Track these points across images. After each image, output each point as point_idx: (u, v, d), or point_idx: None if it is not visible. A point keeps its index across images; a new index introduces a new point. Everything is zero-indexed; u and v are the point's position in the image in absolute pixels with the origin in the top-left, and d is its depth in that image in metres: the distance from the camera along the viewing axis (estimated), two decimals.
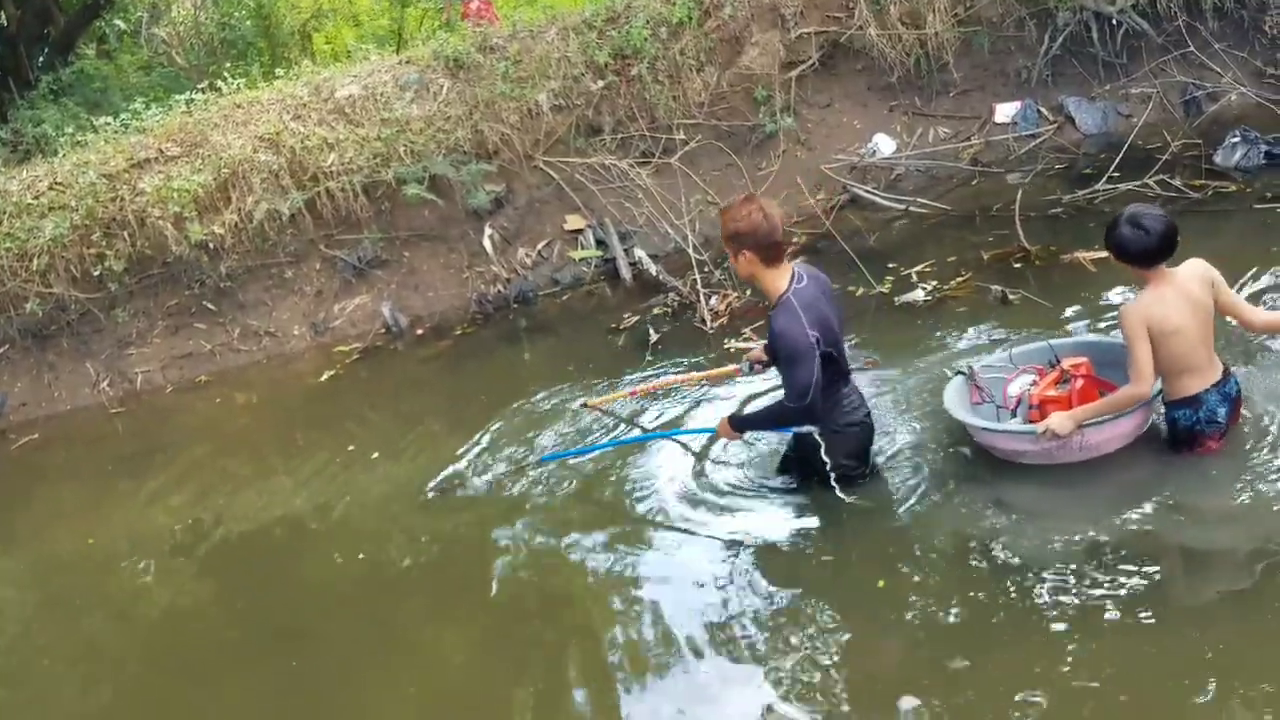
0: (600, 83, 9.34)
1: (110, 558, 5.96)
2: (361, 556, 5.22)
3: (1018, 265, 6.82)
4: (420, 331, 8.59)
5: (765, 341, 4.45)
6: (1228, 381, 4.13)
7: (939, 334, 6.11)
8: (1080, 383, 4.25)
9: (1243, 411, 4.29)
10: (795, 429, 4.40)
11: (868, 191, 8.80)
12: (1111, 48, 9.38)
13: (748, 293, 7.44)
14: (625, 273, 8.53)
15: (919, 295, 6.74)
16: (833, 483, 4.37)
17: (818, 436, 4.35)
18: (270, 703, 4.44)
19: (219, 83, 9.79)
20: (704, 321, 7.17)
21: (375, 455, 6.35)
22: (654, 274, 8.22)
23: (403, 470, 6.05)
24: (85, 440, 8.02)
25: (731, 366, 5.43)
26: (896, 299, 6.76)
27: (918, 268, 7.13)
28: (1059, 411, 4.12)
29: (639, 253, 8.57)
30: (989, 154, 9.12)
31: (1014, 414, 4.40)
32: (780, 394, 4.30)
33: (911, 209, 8.40)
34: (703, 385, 5.85)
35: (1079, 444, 4.14)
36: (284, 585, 5.30)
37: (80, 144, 9.28)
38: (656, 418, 5.81)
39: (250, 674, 4.65)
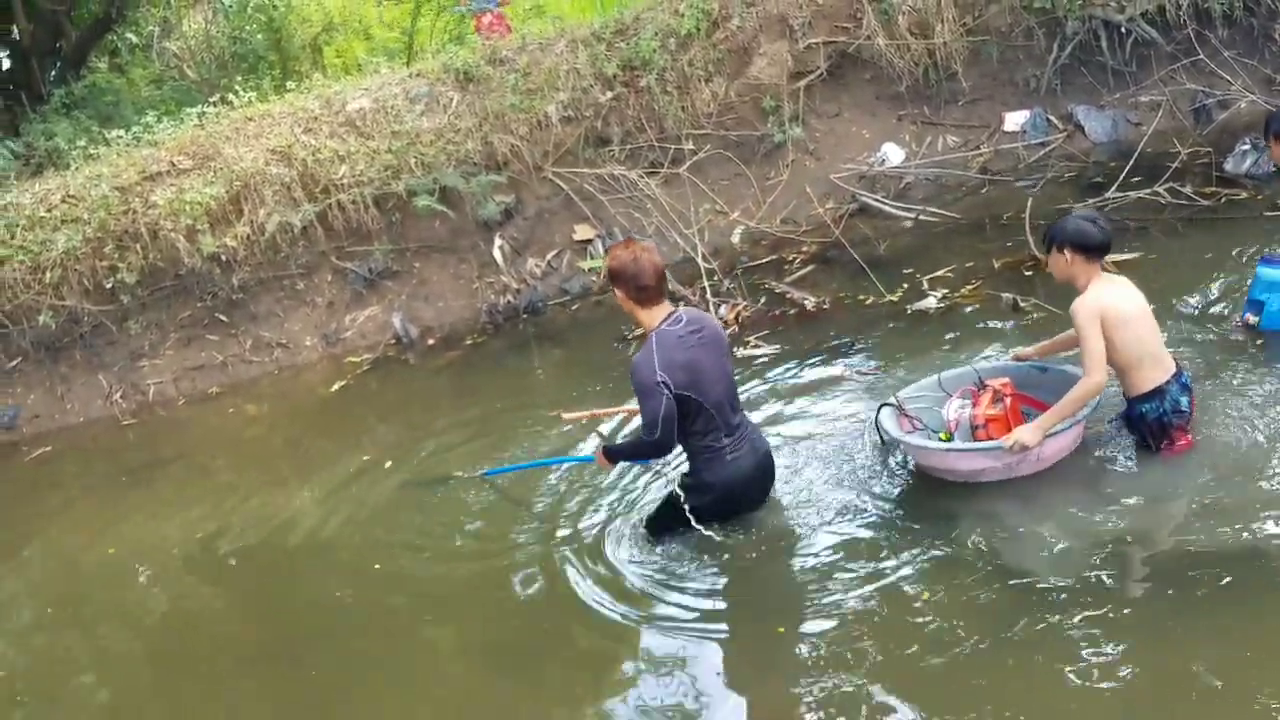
0: (609, 94, 9.37)
1: (124, 567, 5.98)
2: (378, 567, 5.22)
3: (1028, 273, 6.82)
4: (431, 342, 8.61)
5: None
6: (1183, 374, 4.34)
7: (950, 342, 6.10)
8: (1010, 400, 4.43)
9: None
10: (650, 460, 4.61)
11: (877, 200, 8.80)
12: (1121, 56, 9.38)
13: (762, 301, 7.45)
14: None
15: (930, 303, 6.73)
16: (688, 515, 4.52)
17: (677, 488, 4.58)
18: (281, 711, 4.45)
19: (230, 96, 9.85)
20: None
21: (388, 465, 6.36)
22: None
23: (415, 480, 6.06)
24: (98, 451, 8.05)
25: None
26: (908, 307, 6.76)
27: (937, 274, 7.11)
28: (1021, 426, 4.26)
29: None
30: (998, 162, 9.12)
31: (953, 436, 4.49)
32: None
33: (921, 217, 8.40)
34: None
35: (1036, 455, 4.26)
36: (296, 595, 5.32)
37: (92, 157, 9.34)
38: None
39: (262, 682, 4.67)
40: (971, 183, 8.92)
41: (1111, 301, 4.14)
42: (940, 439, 4.49)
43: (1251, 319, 5.01)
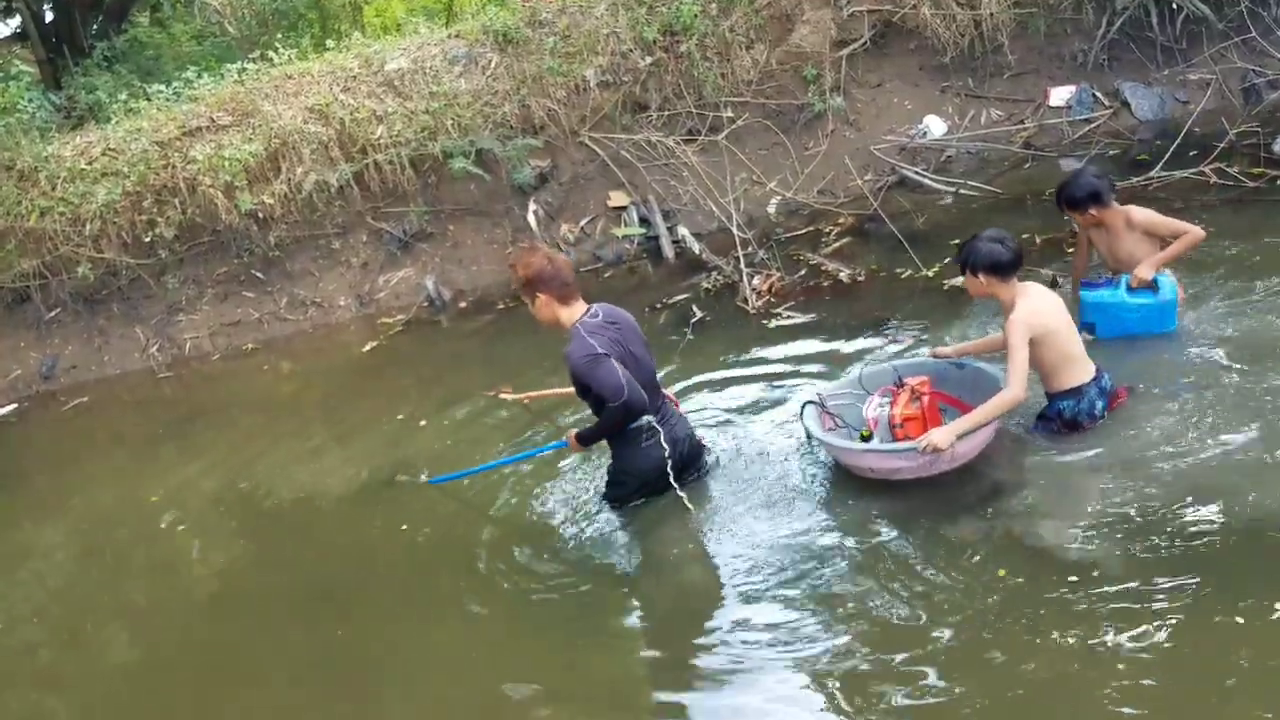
0: (648, 59, 9.30)
1: (159, 518, 6.06)
2: (404, 528, 5.26)
3: (1069, 250, 6.71)
4: (463, 305, 8.63)
5: None
6: (1102, 377, 4.52)
7: (986, 319, 6.03)
8: (927, 399, 4.55)
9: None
10: (633, 425, 4.54)
11: (917, 173, 8.71)
12: (1171, 32, 9.20)
13: (801, 274, 7.40)
14: (668, 251, 8.51)
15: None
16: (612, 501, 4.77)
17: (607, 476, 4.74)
18: (307, 661, 4.51)
19: (270, 53, 9.86)
20: (745, 301, 7.14)
21: (422, 424, 6.39)
22: (697, 253, 8.19)
23: (446, 442, 6.09)
24: (134, 403, 8.16)
25: None
26: (945, 283, 6.69)
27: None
28: (937, 428, 4.35)
29: (682, 231, 8.55)
30: (1042, 138, 8.99)
31: (872, 435, 4.56)
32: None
33: (961, 192, 8.30)
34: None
35: (950, 455, 4.34)
36: (325, 551, 5.36)
37: (133, 111, 9.39)
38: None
39: (290, 633, 4.72)
40: (1014, 158, 8.80)
41: (1041, 320, 4.34)
42: (861, 436, 4.61)
43: (1087, 337, 5.09)
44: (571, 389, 4.86)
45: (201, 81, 9.65)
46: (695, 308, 7.27)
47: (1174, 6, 9.10)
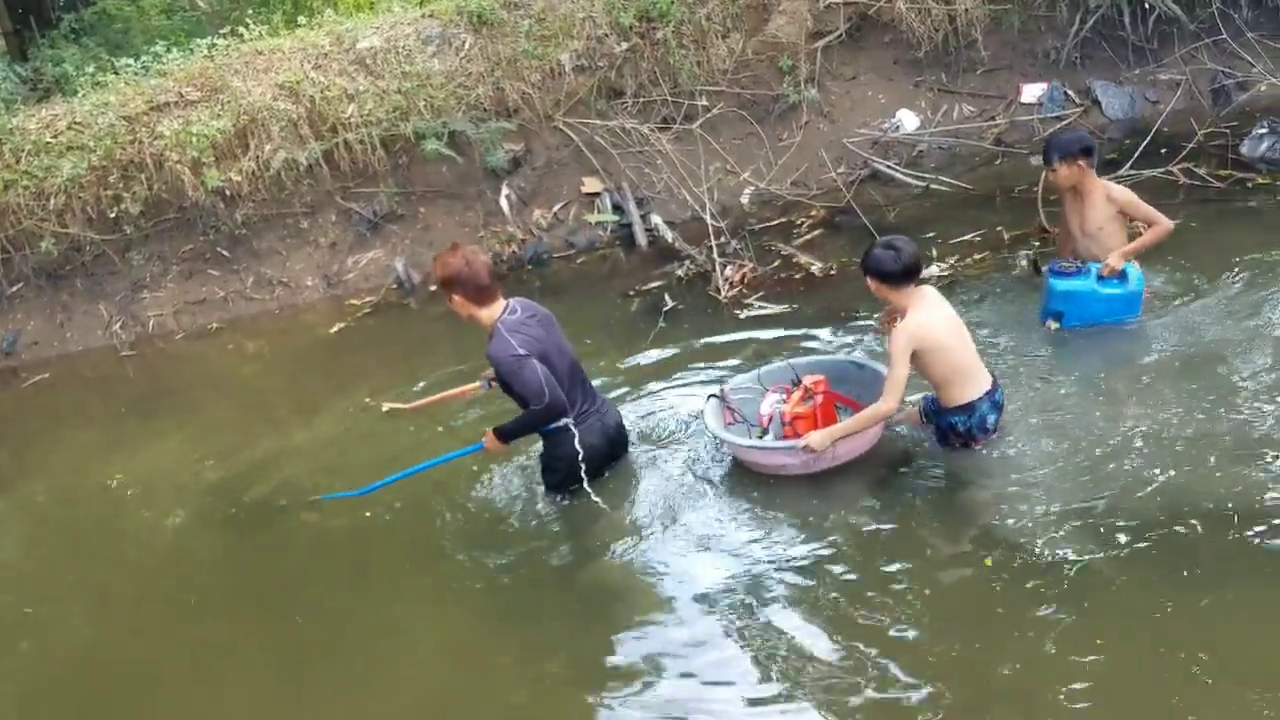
0: (624, 45, 9.26)
1: (120, 498, 6.00)
2: (368, 515, 5.22)
3: (1038, 245, 6.77)
4: (433, 288, 8.56)
5: None
6: (997, 390, 4.55)
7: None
8: (820, 399, 4.70)
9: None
10: (552, 427, 4.65)
11: (889, 167, 8.73)
12: (1143, 32, 9.26)
13: (774, 264, 7.41)
14: (641, 239, 8.50)
15: (934, 271, 6.71)
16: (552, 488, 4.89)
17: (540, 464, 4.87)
18: (266, 645, 4.49)
19: (241, 29, 9.72)
20: (718, 291, 7.14)
21: (386, 410, 6.34)
22: (670, 241, 8.18)
23: (412, 426, 6.06)
24: (96, 381, 8.06)
25: (474, 384, 5.36)
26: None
27: (945, 243, 7.07)
28: (815, 430, 4.52)
29: (656, 219, 8.53)
30: (1013, 134, 9.04)
31: (766, 431, 4.78)
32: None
33: (933, 187, 8.34)
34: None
35: (831, 455, 4.55)
36: (287, 534, 5.33)
37: (100, 85, 9.23)
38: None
39: (247, 622, 4.70)
40: (985, 154, 8.85)
41: (929, 332, 4.34)
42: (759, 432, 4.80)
43: (1053, 325, 5.17)
44: (461, 389, 5.17)
45: (170, 56, 9.50)
46: (667, 296, 7.26)
47: (1146, 6, 9.16)
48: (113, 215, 8.61)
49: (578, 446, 4.66)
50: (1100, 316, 5.14)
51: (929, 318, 4.38)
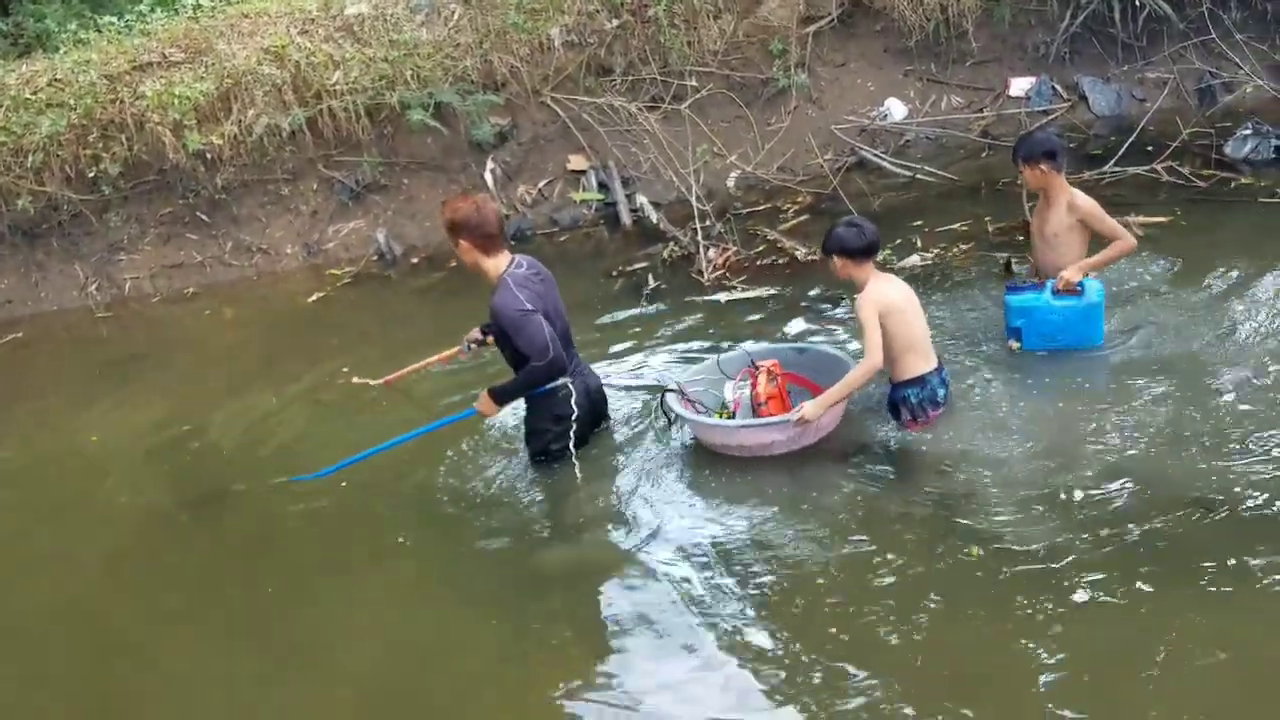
0: (615, 22, 9.21)
1: (92, 460, 5.95)
2: (344, 484, 5.19)
3: (1021, 238, 6.78)
4: (414, 261, 8.53)
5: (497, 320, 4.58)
6: (943, 369, 4.76)
7: (934, 303, 6.08)
8: (780, 379, 4.78)
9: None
10: (549, 386, 4.62)
11: (876, 156, 8.74)
12: (1132, 29, 9.28)
13: (759, 249, 7.40)
14: (626, 218, 8.47)
15: (916, 260, 6.72)
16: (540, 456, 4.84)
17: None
18: (234, 610, 4.47)
19: None
20: (700, 273, 7.13)
21: (358, 381, 6.31)
22: (654, 222, 8.16)
23: (386, 398, 6.02)
24: (70, 341, 7.99)
25: (454, 349, 5.38)
26: (892, 265, 6.72)
27: (929, 233, 7.08)
28: (807, 401, 4.56)
29: (641, 199, 8.51)
30: (1000, 127, 9.05)
31: (734, 415, 4.79)
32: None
33: (919, 176, 8.35)
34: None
35: (816, 427, 4.59)
36: (256, 500, 5.28)
37: (82, 42, 9.13)
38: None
39: (220, 582, 4.67)
40: (971, 145, 8.86)
41: (888, 296, 4.54)
42: (720, 418, 4.80)
43: (1014, 345, 5.18)
44: (434, 358, 5.11)
45: (155, 15, 9.41)
46: (651, 277, 7.25)
47: (1136, 4, 9.18)
48: (91, 175, 8.51)
49: (574, 405, 4.64)
50: (1058, 332, 5.09)
51: (889, 289, 4.60)
